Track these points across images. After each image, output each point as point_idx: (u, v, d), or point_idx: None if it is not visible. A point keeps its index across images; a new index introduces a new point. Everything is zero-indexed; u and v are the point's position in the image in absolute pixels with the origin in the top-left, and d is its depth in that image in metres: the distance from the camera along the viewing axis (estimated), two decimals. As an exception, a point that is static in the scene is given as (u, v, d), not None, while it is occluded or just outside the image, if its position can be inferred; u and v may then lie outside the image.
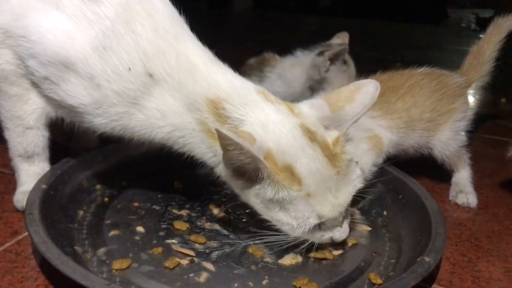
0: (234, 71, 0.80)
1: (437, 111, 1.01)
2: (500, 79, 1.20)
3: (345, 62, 1.33)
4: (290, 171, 0.69)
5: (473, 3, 5.02)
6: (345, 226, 0.78)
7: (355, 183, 0.75)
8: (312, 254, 0.79)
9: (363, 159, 0.95)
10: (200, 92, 0.74)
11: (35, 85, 0.83)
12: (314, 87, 1.34)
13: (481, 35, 1.13)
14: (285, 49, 1.48)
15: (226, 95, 0.74)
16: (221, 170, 0.76)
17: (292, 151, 0.70)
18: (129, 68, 0.75)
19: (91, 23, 0.75)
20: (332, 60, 1.30)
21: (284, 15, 4.39)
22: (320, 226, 0.74)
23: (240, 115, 0.73)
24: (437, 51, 3.02)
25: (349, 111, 0.75)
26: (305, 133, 0.72)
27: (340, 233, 0.77)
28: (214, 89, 0.75)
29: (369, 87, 0.76)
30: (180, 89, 0.75)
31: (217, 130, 0.65)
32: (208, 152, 0.77)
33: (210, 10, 4.38)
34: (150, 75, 0.75)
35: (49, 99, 0.83)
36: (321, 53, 1.31)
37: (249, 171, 0.70)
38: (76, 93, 0.77)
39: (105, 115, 0.78)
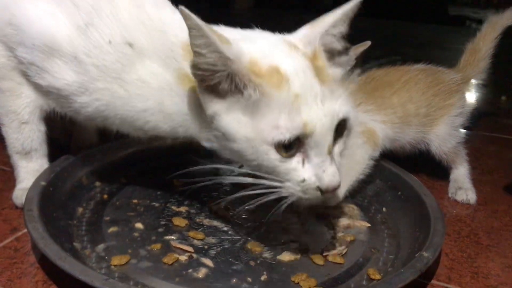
0: None
1: (432, 107, 1.01)
2: (500, 77, 1.20)
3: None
4: (276, 71, 0.64)
5: (474, 2, 5.01)
6: (334, 167, 0.67)
7: (342, 105, 0.67)
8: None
9: (358, 153, 0.96)
10: (174, 41, 0.73)
11: (26, 77, 0.83)
12: None
13: (483, 26, 1.13)
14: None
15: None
16: (195, 129, 0.73)
17: (277, 54, 0.67)
18: (110, 41, 0.75)
19: (72, 1, 0.76)
20: (357, 58, 1.33)
21: (285, 14, 4.39)
22: (303, 161, 0.66)
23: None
24: (438, 49, 3.01)
25: (320, 23, 0.73)
26: (290, 46, 0.69)
27: (327, 174, 0.65)
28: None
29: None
30: (158, 51, 0.74)
31: (181, 10, 0.61)
32: (182, 109, 0.73)
33: (211, 9, 4.38)
34: (130, 45, 0.74)
35: (39, 89, 0.83)
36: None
37: (222, 81, 0.64)
38: (60, 75, 0.77)
39: (87, 92, 0.77)
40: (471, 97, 1.90)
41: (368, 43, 1.34)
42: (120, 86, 0.76)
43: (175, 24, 0.75)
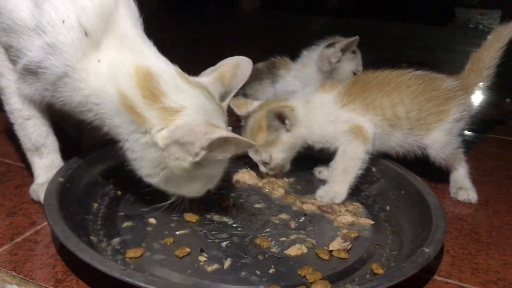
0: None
1: (425, 111, 1.03)
2: (505, 79, 1.22)
3: (353, 52, 1.37)
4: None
5: (481, 4, 5.01)
6: None
7: None
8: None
9: (349, 150, 0.99)
10: (130, 59, 0.78)
11: (17, 72, 0.85)
12: (325, 79, 1.37)
13: (489, 36, 1.15)
14: (292, 49, 1.51)
15: (157, 71, 0.79)
16: (133, 144, 0.79)
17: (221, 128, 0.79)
18: (63, 21, 0.76)
19: None
20: (343, 51, 1.34)
21: (291, 15, 4.42)
22: None
23: (180, 100, 0.77)
24: (444, 51, 3.03)
25: (234, 85, 0.90)
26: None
27: None
28: (144, 61, 0.79)
29: (245, 64, 0.91)
30: (112, 54, 0.77)
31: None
32: (121, 125, 0.79)
33: (218, 10, 4.42)
34: (85, 33, 0.76)
35: (23, 80, 0.85)
36: (330, 45, 1.35)
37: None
38: (26, 50, 0.79)
39: (42, 65, 0.78)
40: (476, 99, 1.92)
41: (356, 38, 1.36)
42: (67, 72, 0.77)
43: (132, 44, 0.80)
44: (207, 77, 0.89)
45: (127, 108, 0.77)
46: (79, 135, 1.18)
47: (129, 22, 0.82)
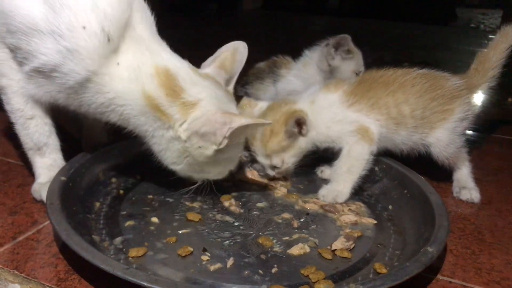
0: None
1: (429, 110, 1.02)
2: (507, 79, 1.21)
3: (349, 51, 1.36)
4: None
5: (482, 4, 5.01)
6: None
7: None
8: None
9: (355, 150, 0.99)
10: (149, 61, 0.81)
11: (21, 72, 0.84)
12: (326, 79, 1.37)
13: (490, 36, 1.14)
14: (293, 49, 1.51)
15: (175, 69, 0.83)
16: (159, 139, 0.85)
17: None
18: (84, 27, 0.76)
19: None
20: (336, 48, 1.34)
21: (293, 15, 4.41)
22: None
23: (196, 93, 0.83)
24: (445, 51, 3.02)
25: (235, 69, 0.96)
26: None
27: None
28: (162, 61, 0.83)
29: (242, 48, 0.96)
30: (131, 57, 0.80)
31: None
32: (147, 123, 0.84)
33: (219, 10, 4.42)
34: (108, 39, 0.77)
35: (32, 81, 0.84)
36: (327, 45, 1.36)
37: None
38: (38, 53, 0.78)
39: (59, 69, 0.78)
40: (478, 99, 1.92)
41: (346, 36, 1.35)
42: (89, 77, 0.78)
43: (147, 46, 0.83)
44: (210, 67, 0.94)
45: (152, 107, 0.82)
46: (80, 133, 1.18)
47: (144, 24, 0.85)
